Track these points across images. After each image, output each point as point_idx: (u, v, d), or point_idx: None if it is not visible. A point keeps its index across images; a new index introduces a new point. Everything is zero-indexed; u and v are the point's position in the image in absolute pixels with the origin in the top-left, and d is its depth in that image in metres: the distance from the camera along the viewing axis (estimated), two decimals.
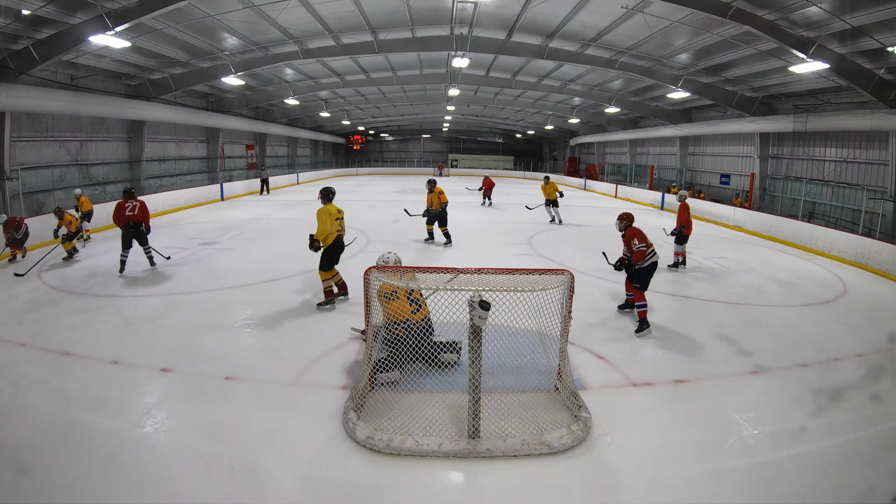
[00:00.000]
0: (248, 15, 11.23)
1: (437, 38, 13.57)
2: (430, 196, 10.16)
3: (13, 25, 9.64)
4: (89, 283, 7.34)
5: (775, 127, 15.34)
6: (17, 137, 11.63)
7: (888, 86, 10.85)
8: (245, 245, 10.24)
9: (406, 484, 3.07)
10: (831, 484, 3.14)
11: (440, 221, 10.20)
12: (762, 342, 5.41)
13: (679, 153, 21.72)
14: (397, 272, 4.04)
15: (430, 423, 3.51)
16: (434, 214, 10.20)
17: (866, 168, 13.11)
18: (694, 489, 3.04)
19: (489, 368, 3.66)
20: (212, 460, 3.23)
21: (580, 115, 25.36)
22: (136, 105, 14.78)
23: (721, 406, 4.05)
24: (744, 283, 8.02)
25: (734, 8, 9.35)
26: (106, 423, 3.60)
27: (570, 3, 10.91)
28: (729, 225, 14.56)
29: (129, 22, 9.42)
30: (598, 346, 5.12)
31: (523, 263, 8.76)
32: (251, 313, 6.06)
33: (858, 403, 4.19)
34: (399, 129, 41.40)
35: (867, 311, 6.88)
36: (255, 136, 26.00)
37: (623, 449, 3.41)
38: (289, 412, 3.80)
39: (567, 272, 3.76)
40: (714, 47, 12.40)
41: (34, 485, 2.95)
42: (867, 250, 9.55)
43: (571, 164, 35.32)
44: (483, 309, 3.22)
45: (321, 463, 3.23)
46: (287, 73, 18.16)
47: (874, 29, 9.26)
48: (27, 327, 5.46)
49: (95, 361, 4.61)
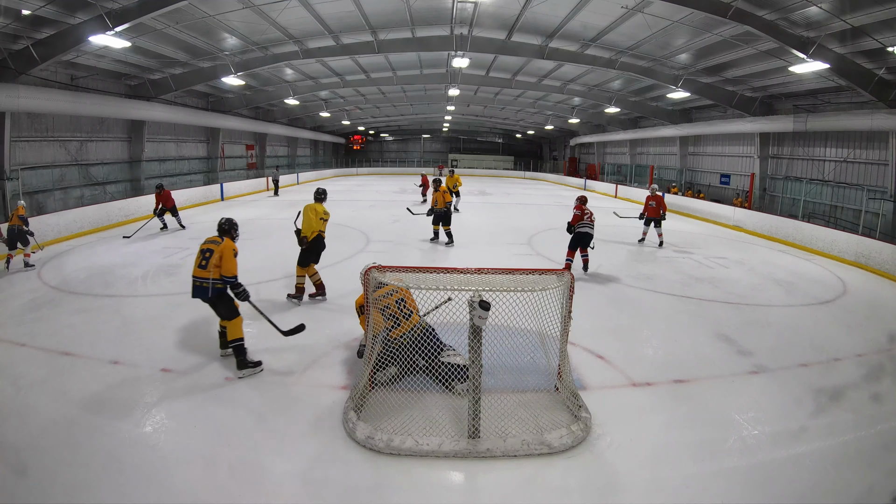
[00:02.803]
0: (248, 15, 11.22)
1: (437, 38, 13.57)
2: (436, 195, 10.26)
3: (13, 25, 9.63)
4: (89, 283, 7.34)
5: (775, 127, 15.33)
6: (17, 137, 11.63)
7: (888, 86, 10.85)
8: (245, 245, 10.18)
9: (406, 484, 3.07)
10: (831, 484, 3.14)
11: (444, 221, 10.27)
12: (762, 342, 5.41)
13: (679, 153, 21.71)
14: (392, 275, 3.97)
15: (430, 423, 3.51)
16: (439, 213, 10.27)
17: (866, 168, 13.10)
18: (694, 489, 3.04)
19: (489, 368, 3.66)
20: (212, 460, 3.23)
21: (580, 115, 25.36)
22: (136, 105, 14.77)
23: (721, 406, 4.05)
24: (744, 283, 8.02)
25: (734, 8, 9.34)
26: (106, 423, 3.60)
27: (570, 3, 10.91)
28: (729, 225, 14.56)
29: (129, 22, 9.41)
30: (598, 346, 5.11)
31: (523, 263, 8.76)
32: (251, 313, 6.05)
33: (858, 403, 4.19)
34: (399, 129, 41.39)
35: (867, 311, 6.89)
36: (255, 136, 26.00)
37: (623, 449, 3.41)
38: (289, 412, 3.80)
39: (567, 272, 3.76)
40: (714, 47, 12.39)
41: (34, 485, 2.95)
42: (867, 250, 9.55)
43: (571, 164, 35.31)
44: (483, 309, 3.21)
45: (321, 463, 3.23)
46: (287, 73, 18.16)
47: (874, 29, 9.25)
48: (27, 327, 5.46)
49: (95, 361, 4.61)
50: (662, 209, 10.59)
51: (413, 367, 4.04)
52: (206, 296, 4.39)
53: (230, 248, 4.43)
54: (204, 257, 4.40)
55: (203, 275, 4.37)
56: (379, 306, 4.08)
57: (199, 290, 4.41)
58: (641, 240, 11.12)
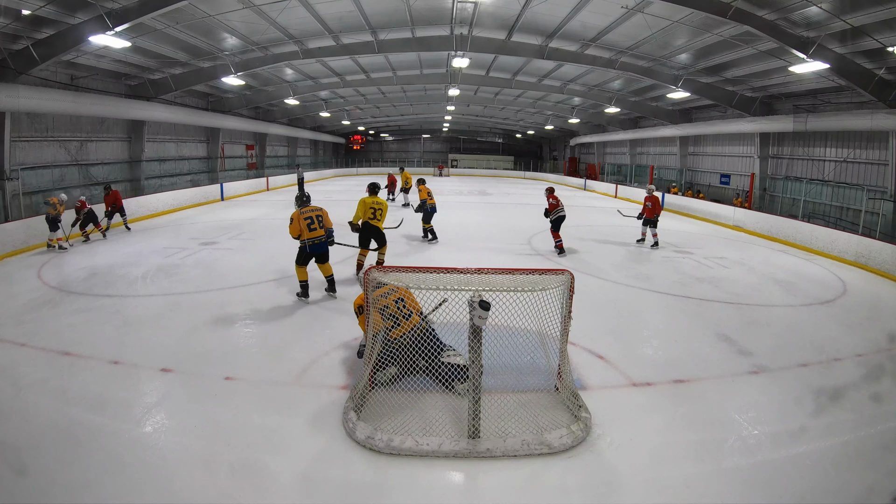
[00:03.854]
0: (248, 15, 11.22)
1: (437, 38, 13.57)
2: (422, 191, 11.02)
3: (13, 25, 9.63)
4: (89, 283, 7.34)
5: (775, 127, 15.34)
6: (17, 137, 11.63)
7: (888, 86, 10.85)
8: (245, 245, 10.24)
9: (406, 484, 3.07)
10: (831, 484, 3.14)
11: (425, 217, 10.72)
12: (762, 342, 5.41)
13: (679, 153, 21.72)
14: (393, 278, 3.96)
15: (430, 423, 3.51)
16: (423, 208, 10.70)
17: (866, 168, 13.11)
18: (694, 489, 3.04)
19: (489, 368, 3.66)
20: (212, 460, 3.23)
21: (580, 115, 25.36)
22: (136, 105, 14.78)
23: (721, 406, 4.05)
24: (744, 283, 8.02)
25: (734, 8, 9.35)
26: (106, 423, 3.59)
27: (570, 3, 10.91)
28: (729, 225, 14.56)
29: (129, 22, 9.42)
30: (598, 346, 5.11)
31: (523, 263, 8.76)
32: (251, 313, 6.06)
33: (858, 403, 4.18)
34: (399, 129, 41.40)
35: (867, 311, 6.89)
36: (255, 136, 26.01)
37: (623, 449, 3.41)
38: (289, 412, 3.80)
39: (567, 272, 3.76)
40: (714, 47, 12.39)
41: (34, 485, 2.95)
42: (867, 250, 9.55)
43: (571, 164, 35.32)
44: (483, 309, 3.21)
45: (321, 463, 3.23)
46: (287, 73, 18.16)
47: (874, 29, 9.25)
48: (27, 327, 5.46)
49: (95, 361, 4.61)
50: (657, 210, 10.61)
51: (413, 368, 4.04)
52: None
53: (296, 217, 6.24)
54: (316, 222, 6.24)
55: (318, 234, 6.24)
56: (378, 306, 4.08)
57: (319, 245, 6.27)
58: (640, 240, 11.15)
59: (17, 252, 9.23)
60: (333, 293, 6.59)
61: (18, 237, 9.40)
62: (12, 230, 9.36)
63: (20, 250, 9.32)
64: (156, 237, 11.16)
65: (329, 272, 6.51)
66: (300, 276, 6.40)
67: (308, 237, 6.16)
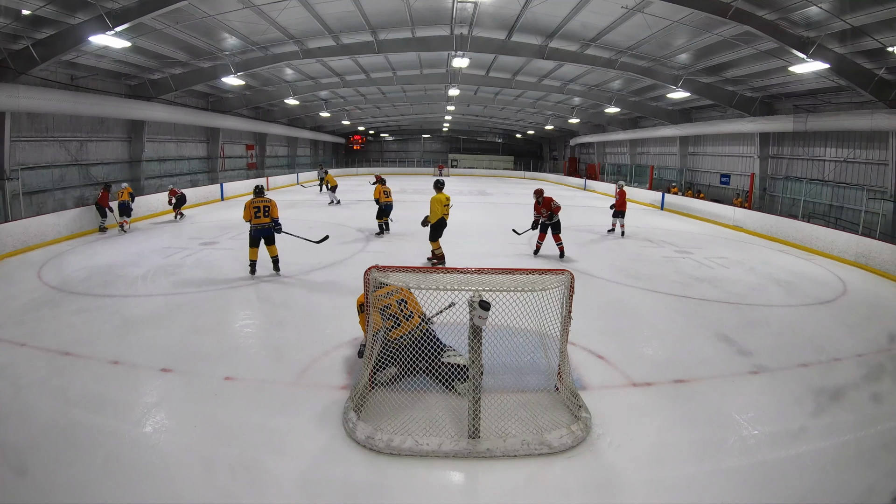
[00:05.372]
0: (248, 15, 11.22)
1: (437, 38, 13.56)
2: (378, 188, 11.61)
3: (13, 25, 9.62)
4: (89, 283, 7.34)
5: (775, 127, 15.33)
6: (17, 137, 11.62)
7: (888, 86, 10.85)
8: (245, 245, 10.17)
9: (406, 484, 3.07)
10: (831, 484, 3.14)
11: (380, 213, 11.50)
12: (762, 342, 5.41)
13: (679, 153, 21.71)
14: (392, 277, 3.96)
15: (430, 423, 3.51)
16: (381, 206, 11.46)
17: (866, 168, 13.10)
18: (694, 489, 3.04)
19: (489, 368, 3.66)
20: (212, 460, 3.23)
21: (580, 115, 25.35)
22: (136, 105, 14.77)
23: (721, 406, 4.05)
24: (744, 283, 8.02)
25: (734, 8, 9.34)
26: (106, 423, 3.59)
27: (570, 3, 10.90)
28: (729, 225, 14.56)
29: (129, 22, 9.41)
30: (598, 346, 5.11)
31: (523, 263, 8.77)
32: (251, 313, 6.06)
33: (858, 403, 4.19)
34: (399, 129, 41.38)
35: (867, 311, 6.89)
36: (255, 136, 25.99)
37: (623, 449, 3.41)
38: (289, 412, 3.80)
39: (567, 272, 3.76)
40: (714, 47, 12.39)
41: (34, 485, 2.95)
42: (867, 250, 9.55)
43: (571, 164, 35.30)
44: (483, 309, 3.21)
45: (321, 463, 3.23)
46: (287, 73, 18.15)
47: (874, 29, 9.25)
48: (27, 327, 5.46)
49: (95, 361, 4.61)
50: (624, 204, 11.84)
51: (413, 368, 4.04)
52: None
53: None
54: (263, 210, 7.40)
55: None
56: (379, 306, 4.08)
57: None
58: (611, 230, 12.31)
59: (17, 252, 9.23)
60: (277, 272, 7.69)
61: (18, 237, 9.40)
62: (12, 230, 9.36)
63: (20, 250, 9.32)
64: (156, 237, 11.16)
65: (274, 253, 7.69)
66: (251, 255, 7.60)
67: (255, 223, 7.36)
